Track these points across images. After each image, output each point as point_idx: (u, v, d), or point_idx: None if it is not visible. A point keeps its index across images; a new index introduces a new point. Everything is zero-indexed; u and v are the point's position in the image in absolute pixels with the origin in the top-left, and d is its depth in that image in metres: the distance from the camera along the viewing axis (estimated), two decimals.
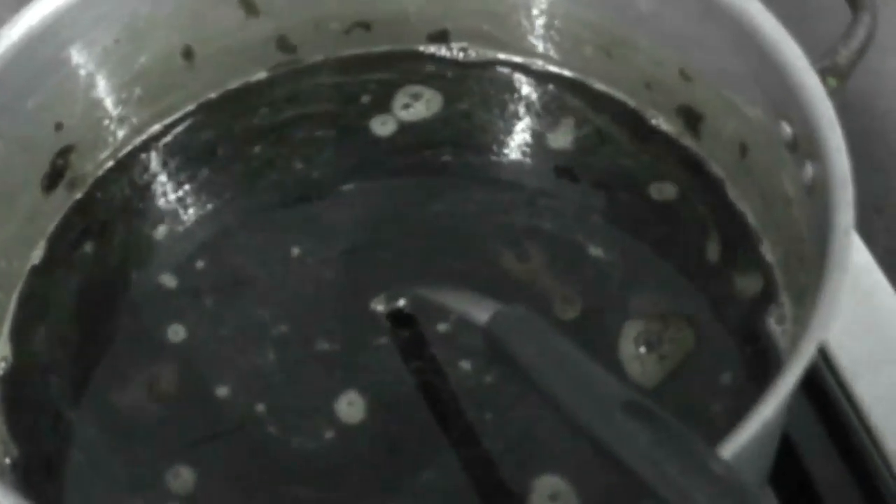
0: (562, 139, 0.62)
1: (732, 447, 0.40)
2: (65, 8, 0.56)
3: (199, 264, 0.59)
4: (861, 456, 0.59)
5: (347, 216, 0.59)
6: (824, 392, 0.60)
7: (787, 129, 0.51)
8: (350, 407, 0.53)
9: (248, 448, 0.52)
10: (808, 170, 0.49)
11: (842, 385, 0.60)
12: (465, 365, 0.53)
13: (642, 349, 0.53)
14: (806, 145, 0.50)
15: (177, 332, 0.56)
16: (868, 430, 0.59)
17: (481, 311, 0.47)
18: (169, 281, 0.58)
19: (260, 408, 0.53)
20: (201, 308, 0.57)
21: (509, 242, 0.57)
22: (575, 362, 0.43)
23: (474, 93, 0.63)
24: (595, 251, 0.57)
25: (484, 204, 0.59)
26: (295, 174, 0.62)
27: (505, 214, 0.59)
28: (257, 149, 0.62)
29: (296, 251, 0.58)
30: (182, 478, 0.52)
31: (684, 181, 0.59)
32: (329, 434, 0.52)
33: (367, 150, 0.62)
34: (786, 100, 0.51)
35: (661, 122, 0.60)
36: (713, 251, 0.56)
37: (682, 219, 0.58)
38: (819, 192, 0.48)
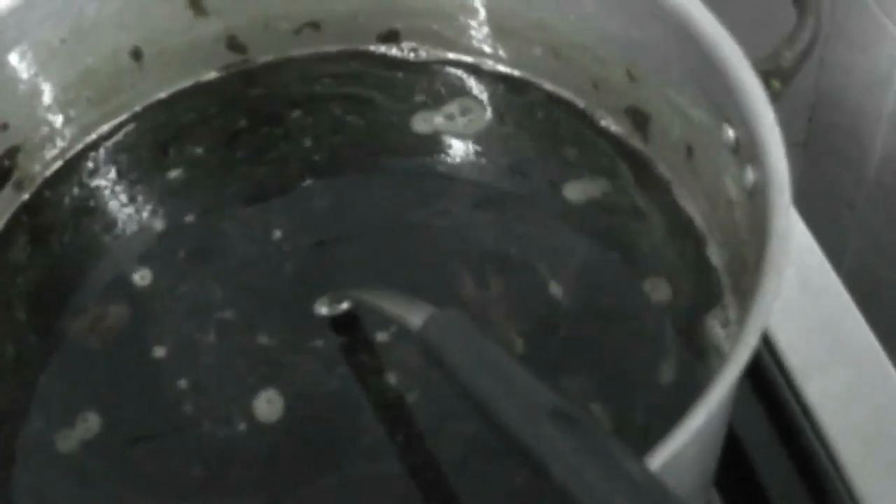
0: (512, 139, 0.61)
1: (665, 452, 0.39)
2: (9, 8, 0.55)
3: (149, 262, 0.58)
4: (809, 457, 0.58)
5: (295, 217, 0.59)
6: (773, 392, 0.60)
7: (729, 132, 0.51)
8: (268, 405, 0.52)
9: (161, 416, 0.52)
10: (749, 173, 0.49)
11: (791, 385, 0.60)
12: (391, 378, 0.52)
13: None
14: (747, 148, 0.49)
15: (121, 315, 0.56)
16: (816, 430, 0.58)
17: (416, 315, 0.46)
18: (118, 278, 0.57)
19: (182, 383, 0.53)
20: (151, 295, 0.56)
21: (458, 253, 0.57)
22: (505, 368, 0.42)
23: (424, 92, 0.62)
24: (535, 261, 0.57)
25: (431, 206, 0.59)
26: (246, 174, 0.61)
27: (453, 220, 0.59)
28: (207, 149, 0.61)
29: (246, 249, 0.58)
30: (88, 423, 0.52)
31: (632, 181, 0.58)
32: (241, 427, 0.52)
33: (316, 150, 0.61)
34: (727, 102, 0.50)
35: (610, 123, 0.60)
36: (658, 252, 0.56)
37: (628, 218, 0.57)
38: (759, 196, 0.47)
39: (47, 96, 0.59)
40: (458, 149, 0.61)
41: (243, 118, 0.62)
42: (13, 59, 0.56)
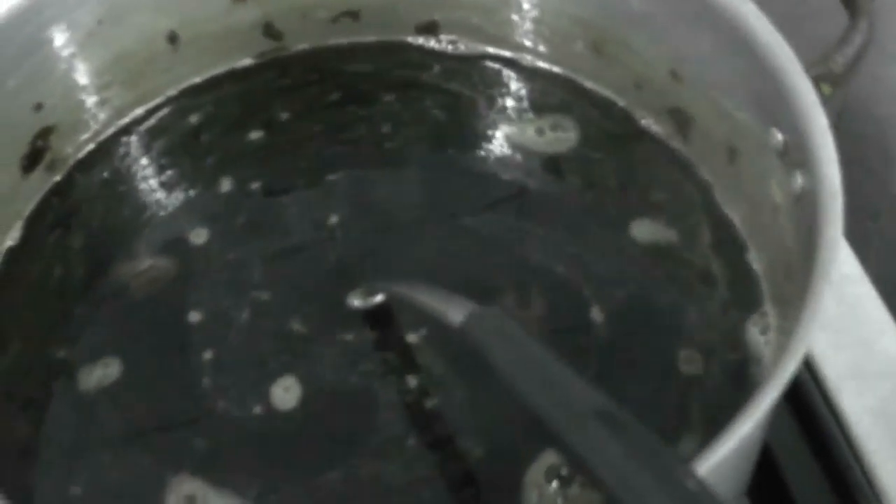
0: (548, 137, 0.60)
1: (709, 461, 0.39)
2: None
3: (182, 246, 0.57)
4: (842, 469, 0.57)
5: (332, 205, 0.58)
6: (807, 404, 0.59)
7: (777, 136, 0.50)
8: (285, 392, 0.52)
9: (179, 384, 0.53)
10: (798, 179, 0.48)
11: (825, 397, 0.59)
12: (412, 381, 0.52)
13: None
14: (796, 153, 0.49)
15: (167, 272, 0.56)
16: (850, 443, 0.58)
17: (457, 312, 0.46)
18: (149, 262, 0.57)
19: (207, 355, 0.53)
20: (198, 260, 0.57)
21: (494, 246, 0.57)
22: (550, 367, 0.42)
23: (462, 86, 0.62)
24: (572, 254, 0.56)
25: (469, 201, 0.58)
26: (281, 161, 0.61)
27: (491, 213, 0.58)
28: (242, 135, 0.61)
29: (280, 238, 0.58)
30: (109, 369, 0.53)
31: (672, 184, 0.58)
32: (255, 410, 0.52)
33: (353, 140, 0.61)
34: (777, 106, 0.50)
35: (651, 124, 0.59)
36: (699, 256, 0.55)
37: (668, 223, 0.57)
38: (808, 202, 0.47)
39: (83, 77, 0.58)
40: (489, 141, 0.61)
41: (279, 105, 0.62)
42: (51, 39, 0.56)
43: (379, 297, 0.54)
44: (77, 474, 0.50)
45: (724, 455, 0.39)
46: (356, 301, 0.54)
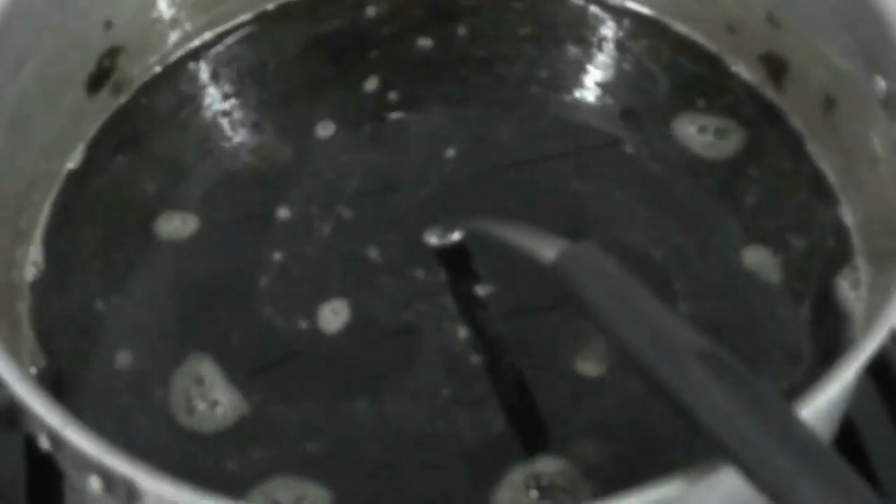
0: (632, 80, 0.61)
1: (808, 408, 0.40)
2: None
3: (245, 175, 0.59)
4: None
5: (406, 142, 0.60)
6: (889, 373, 0.60)
7: (881, 84, 0.51)
8: (333, 315, 0.53)
9: (238, 273, 0.55)
10: None
11: None
12: (462, 333, 0.53)
13: None
14: None
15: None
16: None
17: (549, 248, 0.46)
18: (194, 216, 0.58)
19: (277, 256, 0.55)
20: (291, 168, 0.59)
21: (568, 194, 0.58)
22: (647, 305, 0.42)
23: (545, 26, 0.63)
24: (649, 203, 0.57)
25: (546, 142, 0.60)
26: (352, 95, 0.61)
27: (566, 159, 0.59)
28: (314, 65, 0.62)
29: (361, 170, 0.59)
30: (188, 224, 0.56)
31: (761, 134, 0.58)
32: (301, 324, 0.53)
33: (420, 73, 0.62)
34: (882, 53, 0.50)
35: (742, 70, 0.60)
36: (788, 210, 0.56)
37: (755, 174, 0.57)
38: None
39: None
40: (573, 83, 0.62)
41: (349, 36, 0.63)
42: None
43: (456, 236, 0.55)
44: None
45: (825, 403, 0.40)
46: (433, 238, 0.55)
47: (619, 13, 0.63)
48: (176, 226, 0.57)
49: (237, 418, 0.51)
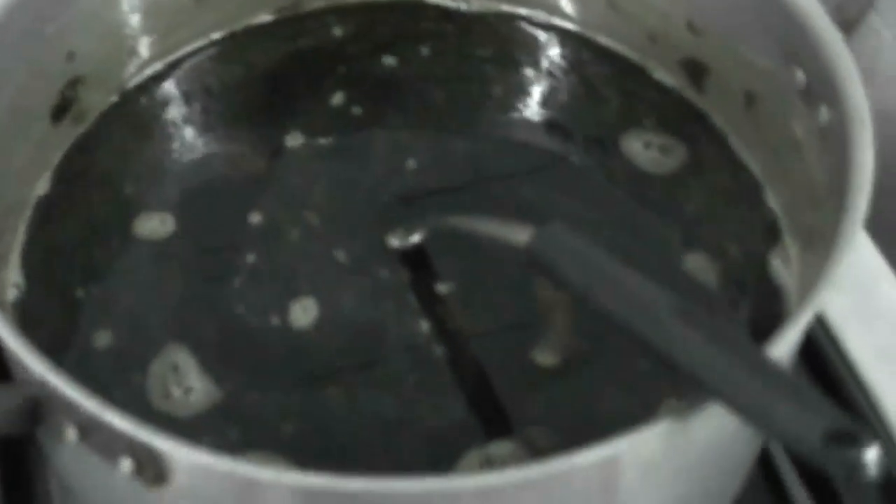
0: (559, 94, 0.67)
1: (780, 347, 0.45)
2: None
3: (204, 199, 0.63)
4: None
5: (369, 153, 0.64)
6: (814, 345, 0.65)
7: (799, 76, 0.57)
8: (303, 312, 0.57)
9: (213, 272, 0.59)
10: (823, 113, 0.55)
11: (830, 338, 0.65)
12: (423, 327, 0.57)
13: None
14: (820, 90, 0.55)
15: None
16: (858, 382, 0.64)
17: (520, 233, 0.51)
18: (166, 218, 0.62)
19: (250, 258, 0.59)
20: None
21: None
22: (621, 274, 0.47)
23: (475, 44, 0.68)
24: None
25: (500, 153, 0.65)
26: (320, 109, 0.66)
27: (504, 179, 0.64)
28: (264, 88, 0.67)
29: (327, 179, 0.63)
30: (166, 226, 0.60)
31: (685, 135, 0.64)
32: (272, 321, 0.57)
33: (384, 89, 0.67)
34: (800, 47, 0.56)
35: (664, 76, 0.66)
36: (720, 207, 0.62)
37: (682, 172, 0.63)
38: (835, 135, 0.54)
39: (114, 27, 0.63)
40: (499, 98, 0.67)
41: (295, 60, 0.68)
42: None
43: (416, 239, 0.59)
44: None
45: (791, 345, 0.45)
46: (395, 240, 0.59)
47: (545, 30, 0.68)
48: (153, 229, 0.61)
49: (210, 404, 0.54)
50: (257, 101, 0.66)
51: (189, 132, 0.65)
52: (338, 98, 0.66)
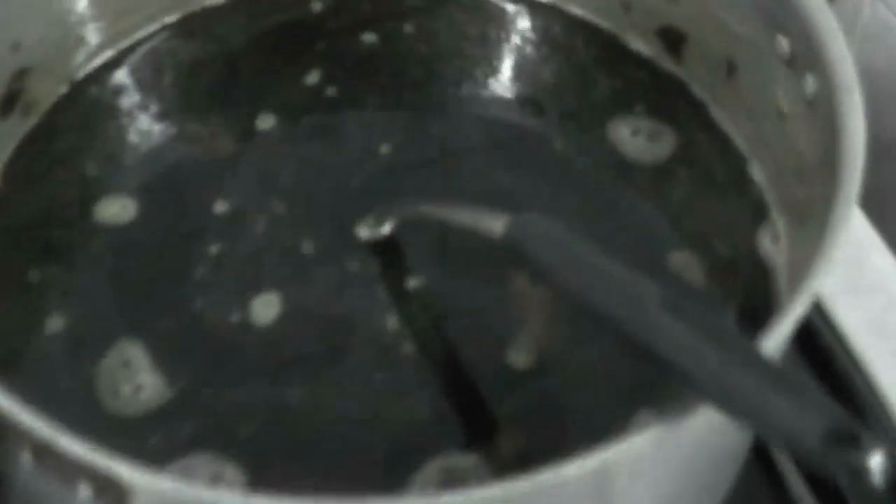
0: (531, 67, 0.64)
1: (774, 338, 0.43)
2: None
3: (167, 186, 0.60)
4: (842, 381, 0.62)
5: (341, 136, 0.62)
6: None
7: (783, 44, 0.55)
8: (264, 307, 0.55)
9: (174, 266, 0.57)
10: (809, 82, 0.53)
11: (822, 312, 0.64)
12: (391, 323, 0.55)
13: None
14: (805, 58, 0.53)
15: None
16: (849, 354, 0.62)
17: (495, 222, 0.49)
18: (127, 204, 0.59)
19: (212, 249, 0.57)
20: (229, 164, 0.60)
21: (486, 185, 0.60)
22: (602, 263, 0.45)
23: (442, 17, 0.66)
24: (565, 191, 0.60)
25: (475, 138, 0.62)
26: (293, 88, 0.64)
27: (472, 153, 0.62)
28: (222, 72, 0.64)
29: (296, 163, 0.61)
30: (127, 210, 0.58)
31: (663, 106, 0.62)
32: (232, 317, 0.55)
33: (362, 68, 0.64)
34: (783, 13, 0.54)
35: (640, 46, 0.63)
36: (697, 177, 0.59)
37: (663, 146, 0.61)
38: (822, 103, 0.51)
39: (60, 15, 0.61)
40: (471, 74, 0.64)
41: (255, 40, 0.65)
42: None
43: (387, 229, 0.57)
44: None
45: (785, 336, 0.43)
46: (364, 230, 0.57)
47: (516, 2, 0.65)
48: (114, 216, 0.59)
49: (160, 403, 0.52)
50: (220, 84, 0.64)
51: (146, 120, 0.62)
52: (313, 77, 0.64)
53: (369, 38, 0.65)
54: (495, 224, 0.49)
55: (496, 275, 0.54)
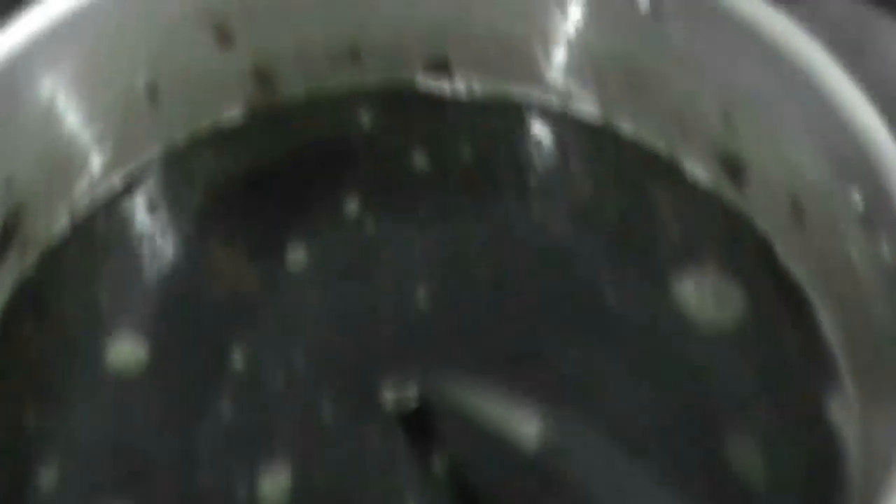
0: (579, 189, 0.59)
1: None
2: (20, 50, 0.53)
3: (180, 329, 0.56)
4: None
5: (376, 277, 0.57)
6: None
7: (856, 198, 0.49)
8: (273, 482, 0.51)
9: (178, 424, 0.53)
10: (886, 252, 0.47)
11: None
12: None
13: None
14: (882, 221, 0.47)
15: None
16: None
17: (527, 425, 0.44)
18: (138, 347, 0.55)
19: (223, 409, 0.53)
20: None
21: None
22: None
23: (479, 136, 0.60)
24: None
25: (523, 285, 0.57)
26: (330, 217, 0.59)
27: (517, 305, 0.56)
28: (237, 200, 0.59)
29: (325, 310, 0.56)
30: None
31: (723, 240, 0.57)
32: (241, 492, 0.50)
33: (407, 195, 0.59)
34: (857, 163, 0.48)
35: (698, 172, 0.58)
36: (763, 323, 0.54)
37: (723, 286, 0.55)
38: None
39: (57, 144, 0.56)
40: (516, 197, 0.60)
41: (272, 161, 0.60)
42: (24, 103, 0.54)
43: (413, 394, 0.52)
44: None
45: None
46: (389, 394, 0.52)
47: (560, 118, 0.60)
48: (121, 362, 0.54)
49: None
50: (244, 210, 0.59)
51: (158, 251, 0.58)
52: (352, 205, 0.59)
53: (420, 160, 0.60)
54: (527, 428, 0.44)
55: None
